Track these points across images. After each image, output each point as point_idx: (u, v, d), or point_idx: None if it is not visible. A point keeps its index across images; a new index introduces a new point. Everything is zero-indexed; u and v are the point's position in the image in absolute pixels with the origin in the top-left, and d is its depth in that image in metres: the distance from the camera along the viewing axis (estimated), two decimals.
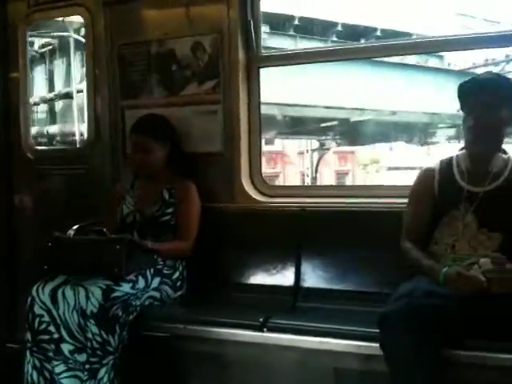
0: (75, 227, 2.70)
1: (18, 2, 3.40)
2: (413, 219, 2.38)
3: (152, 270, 2.58)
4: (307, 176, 11.54)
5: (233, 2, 2.97)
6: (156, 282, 2.59)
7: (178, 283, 2.70)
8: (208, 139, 3.03)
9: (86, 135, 3.38)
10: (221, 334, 2.39)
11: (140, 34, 3.15)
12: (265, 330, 2.33)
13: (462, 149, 2.39)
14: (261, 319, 2.36)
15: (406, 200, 2.45)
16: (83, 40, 3.40)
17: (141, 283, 2.51)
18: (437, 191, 2.36)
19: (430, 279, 2.14)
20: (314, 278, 2.73)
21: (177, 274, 2.70)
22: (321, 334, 2.26)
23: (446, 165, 2.40)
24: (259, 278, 2.80)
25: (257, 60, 3.04)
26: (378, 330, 2.02)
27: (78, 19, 3.49)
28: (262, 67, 3.08)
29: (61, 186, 3.35)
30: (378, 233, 2.59)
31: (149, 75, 3.15)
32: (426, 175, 2.42)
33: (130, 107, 3.18)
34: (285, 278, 2.75)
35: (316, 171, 11.89)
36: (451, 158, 2.41)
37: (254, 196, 3.00)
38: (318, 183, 12.53)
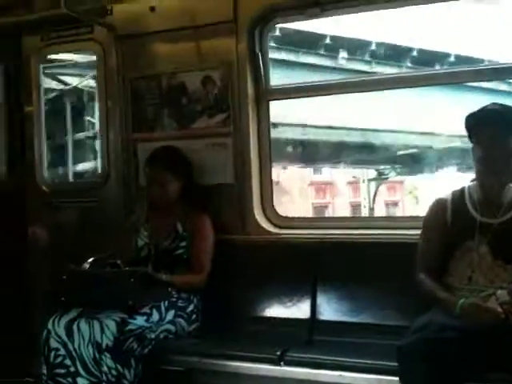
0: (90, 260, 2.71)
1: (31, 36, 3.46)
2: (426, 250, 2.38)
3: (166, 303, 2.58)
4: (364, 207, 10.13)
5: (241, 36, 3.02)
6: (171, 314, 2.59)
7: (193, 316, 2.70)
8: (219, 171, 3.06)
9: (99, 168, 3.39)
10: (237, 368, 2.38)
11: (151, 68, 3.21)
12: (282, 363, 2.33)
13: (473, 180, 2.40)
14: (278, 353, 2.35)
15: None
16: None
17: (155, 316, 2.50)
18: (450, 222, 2.36)
19: (446, 312, 2.13)
20: (330, 310, 2.73)
21: (191, 307, 2.70)
22: (338, 368, 2.25)
23: (459, 196, 2.40)
24: (274, 311, 2.79)
25: (266, 92, 3.08)
26: (395, 363, 2.01)
27: None
28: (272, 100, 3.13)
29: (74, 219, 3.37)
30: (394, 264, 2.59)
31: (160, 108, 3.19)
32: (439, 206, 2.42)
33: (142, 140, 3.22)
34: (300, 310, 2.75)
35: (373, 201, 10.74)
36: (463, 188, 2.42)
37: (267, 227, 3.01)
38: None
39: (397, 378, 2.02)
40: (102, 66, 3.35)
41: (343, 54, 8.64)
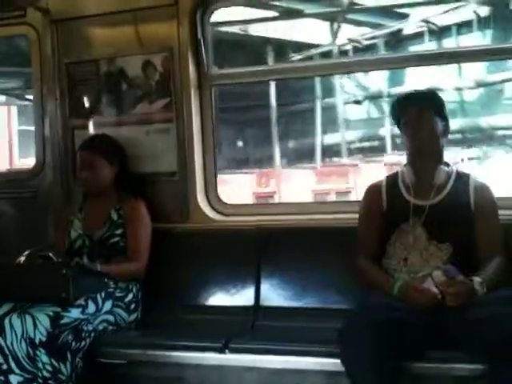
0: (25, 253, 2.60)
1: None
2: (365, 235, 2.41)
3: (103, 294, 2.51)
4: None
5: (183, 21, 2.96)
6: (108, 305, 2.52)
7: (132, 306, 2.63)
8: (161, 158, 3.00)
9: (35, 157, 3.26)
10: (181, 358, 2.33)
11: (89, 53, 3.11)
12: (227, 351, 2.30)
13: (406, 164, 2.44)
14: (222, 341, 2.31)
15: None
16: None
17: (91, 307, 2.43)
18: (385, 206, 2.41)
19: (385, 294, 2.16)
20: (273, 296, 2.71)
21: (130, 297, 2.63)
22: (283, 353, 2.24)
23: (392, 180, 2.45)
24: (218, 299, 2.76)
25: (208, 78, 3.04)
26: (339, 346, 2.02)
27: None
28: (214, 85, 3.08)
29: (9, 210, 3.23)
30: (337, 249, 2.60)
31: (99, 94, 3.10)
32: (373, 191, 2.47)
33: (79, 127, 3.12)
34: (244, 298, 2.72)
35: None
36: (396, 173, 2.47)
37: (210, 215, 2.97)
38: None
39: (339, 361, 2.02)
40: (36, 50, 3.20)
41: None
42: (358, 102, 12.35)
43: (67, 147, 3.14)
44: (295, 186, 9.89)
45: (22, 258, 2.65)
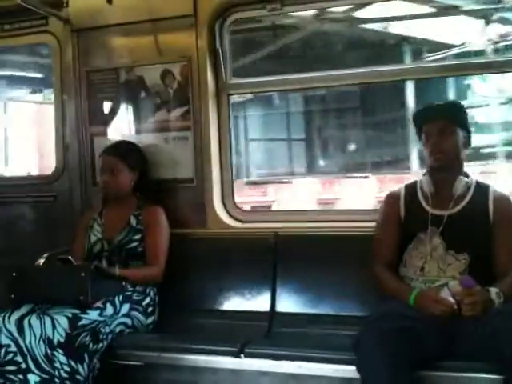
0: (44, 256, 2.64)
1: None
2: (382, 243, 2.41)
3: (121, 297, 2.54)
4: None
5: (201, 31, 3.01)
6: (126, 308, 2.54)
7: (150, 309, 2.65)
8: (179, 165, 3.04)
9: (54, 162, 3.31)
10: (197, 362, 2.34)
11: (108, 62, 3.16)
12: (242, 356, 2.30)
13: (425, 173, 2.45)
14: (238, 345, 2.32)
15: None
16: None
17: (109, 310, 2.46)
18: (403, 215, 2.41)
19: (402, 302, 2.17)
20: (289, 302, 2.73)
21: (147, 300, 2.65)
22: (298, 359, 2.24)
23: (411, 189, 2.46)
24: (234, 304, 2.77)
25: (226, 87, 3.08)
26: (355, 353, 2.02)
27: None
28: (232, 94, 3.12)
29: (29, 214, 3.28)
30: (352, 256, 2.61)
31: (118, 102, 3.15)
32: (392, 200, 2.47)
33: (98, 134, 3.17)
34: (260, 303, 2.74)
35: None
36: (415, 182, 2.48)
37: (227, 221, 3.01)
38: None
39: (354, 368, 2.02)
40: (57, 59, 3.28)
41: None
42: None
43: (86, 153, 3.19)
44: (360, 193, 9.75)
45: (41, 261, 2.71)
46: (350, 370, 2.06)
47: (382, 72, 2.97)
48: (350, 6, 4.61)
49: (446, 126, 2.32)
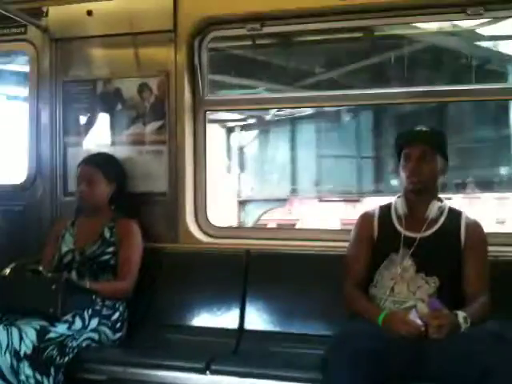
0: (11, 266, 2.60)
1: None
2: (353, 262, 2.43)
3: (90, 311, 2.51)
4: None
5: (180, 46, 3.03)
6: (94, 322, 2.52)
7: (118, 324, 2.63)
8: (153, 179, 3.04)
9: (26, 171, 3.28)
10: (163, 378, 2.32)
11: (86, 73, 3.16)
12: (208, 373, 2.29)
13: (399, 196, 2.49)
14: (204, 362, 2.31)
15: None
16: None
17: (78, 324, 2.43)
18: (376, 235, 2.44)
19: (371, 322, 2.18)
20: (258, 320, 2.73)
21: (116, 315, 2.63)
22: (264, 377, 2.24)
23: (385, 210, 2.49)
24: (203, 321, 2.76)
25: (203, 103, 3.10)
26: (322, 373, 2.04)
27: None
28: (209, 110, 3.15)
29: None
30: (322, 275, 2.64)
31: (93, 113, 3.15)
32: (366, 219, 2.50)
33: (72, 145, 3.16)
34: (229, 320, 2.73)
35: None
36: (390, 203, 2.51)
37: (199, 236, 3.01)
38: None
39: None
40: (34, 67, 3.26)
41: None
42: None
43: (59, 163, 3.17)
44: None
45: (7, 270, 2.65)
46: None
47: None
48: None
49: (426, 151, 2.35)
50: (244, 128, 10.65)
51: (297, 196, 9.78)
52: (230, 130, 11.11)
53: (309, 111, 9.27)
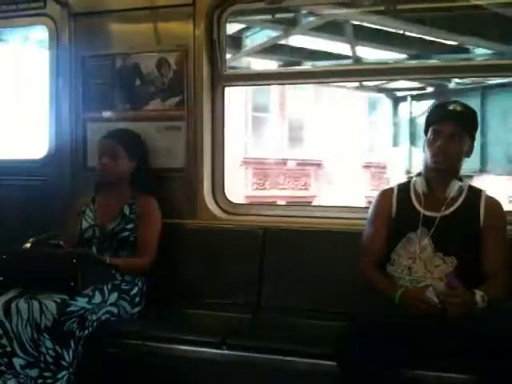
0: (32, 240, 2.64)
1: None
2: (371, 240, 2.43)
3: (110, 285, 2.55)
4: None
5: (199, 21, 3.00)
6: (114, 297, 2.55)
7: (137, 299, 2.67)
8: (171, 155, 3.04)
9: (46, 146, 3.31)
10: (179, 352, 2.37)
11: (105, 48, 3.14)
12: (224, 347, 2.33)
13: (419, 174, 2.46)
14: (220, 337, 2.35)
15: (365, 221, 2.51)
16: None
17: (97, 298, 2.47)
18: (394, 214, 2.42)
19: (388, 300, 2.19)
20: (274, 296, 2.75)
21: (135, 290, 2.67)
22: (280, 352, 2.27)
23: (404, 188, 2.46)
24: (219, 296, 2.78)
25: (222, 78, 3.08)
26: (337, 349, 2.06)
27: None
28: (227, 86, 3.12)
29: (18, 197, 3.27)
30: (339, 251, 2.64)
31: (112, 89, 3.14)
32: (384, 197, 2.48)
33: (92, 120, 3.16)
34: (245, 295, 2.76)
35: None
36: (409, 181, 2.49)
37: (216, 213, 3.02)
38: None
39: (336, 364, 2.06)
40: (54, 42, 3.26)
41: None
42: None
43: (79, 138, 3.18)
44: None
45: (28, 245, 2.71)
46: (331, 366, 2.08)
47: None
48: None
49: (457, 130, 2.30)
50: (416, 98, 10.17)
51: (486, 172, 9.07)
52: (398, 100, 10.60)
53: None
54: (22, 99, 5.25)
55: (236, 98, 11.79)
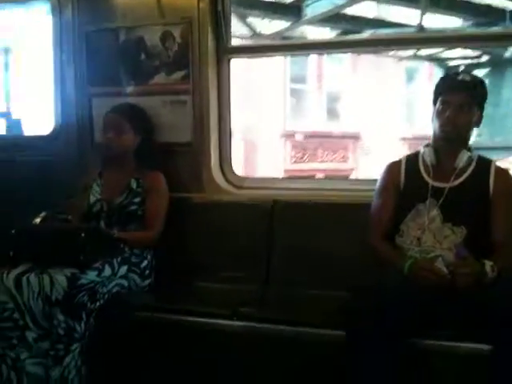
0: (41, 215, 2.65)
1: None
2: (380, 212, 2.42)
3: (119, 259, 2.56)
4: None
5: None
6: (123, 270, 2.57)
7: (146, 272, 2.68)
8: (177, 129, 3.02)
9: (52, 122, 3.29)
10: (190, 323, 2.38)
11: (108, 22, 3.11)
12: (235, 318, 2.34)
13: (427, 145, 2.44)
14: (231, 308, 2.37)
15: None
16: None
17: (107, 271, 2.48)
18: (402, 185, 2.41)
19: (397, 271, 2.18)
20: (284, 269, 2.75)
21: (145, 263, 2.68)
22: (290, 323, 2.28)
23: (412, 160, 2.45)
24: (229, 268, 2.78)
25: (227, 50, 3.05)
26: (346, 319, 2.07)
27: None
28: (233, 58, 3.09)
29: (26, 174, 3.27)
30: (348, 224, 2.63)
31: (117, 63, 3.11)
32: (392, 169, 2.47)
33: (97, 95, 3.14)
34: (255, 268, 2.77)
35: None
36: (417, 152, 2.47)
37: (224, 187, 3.02)
38: None
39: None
40: (57, 17, 3.22)
41: None
42: None
43: (84, 114, 3.17)
44: None
45: (38, 220, 2.71)
46: (341, 335, 2.08)
47: None
48: None
49: (466, 101, 2.29)
50: (469, 66, 9.79)
51: None
52: (450, 70, 10.31)
53: None
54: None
55: (274, 69, 11.57)
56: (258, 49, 3.23)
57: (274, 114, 12.19)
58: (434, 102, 2.38)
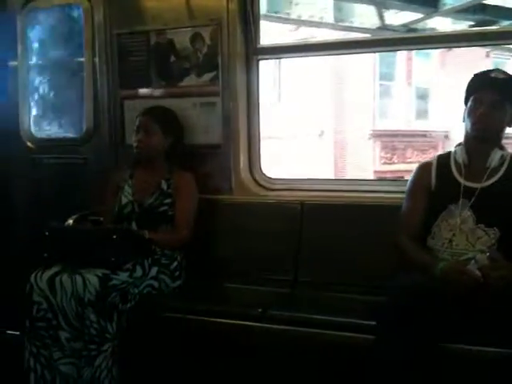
0: (74, 217, 2.70)
1: None
2: (410, 213, 2.39)
3: (150, 260, 2.59)
4: None
5: None
6: (154, 271, 2.60)
7: (177, 273, 2.71)
8: (207, 131, 3.04)
9: (84, 125, 3.35)
10: (219, 325, 2.40)
11: (139, 24, 3.14)
12: (264, 320, 2.35)
13: (459, 144, 2.41)
14: (260, 309, 2.37)
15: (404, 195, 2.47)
16: None
17: (138, 272, 2.52)
18: (434, 186, 2.38)
19: (426, 274, 2.15)
20: (312, 270, 2.75)
21: (175, 264, 2.71)
22: (319, 325, 2.28)
23: (444, 160, 2.41)
24: (258, 270, 2.80)
25: (256, 52, 3.04)
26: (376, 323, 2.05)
27: None
28: (262, 59, 3.09)
29: (59, 176, 3.33)
30: (377, 226, 2.61)
31: (148, 66, 3.14)
32: (424, 170, 2.43)
33: (128, 97, 3.19)
34: (284, 270, 2.77)
35: None
36: (449, 152, 2.43)
37: (253, 188, 3.02)
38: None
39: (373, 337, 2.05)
40: (88, 20, 3.27)
41: None
42: None
43: (116, 116, 3.21)
44: None
45: (71, 221, 2.77)
46: (370, 339, 2.07)
47: None
48: None
49: (498, 98, 2.24)
50: None
51: None
52: None
53: None
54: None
55: (363, 67, 11.40)
56: (288, 49, 3.22)
57: (363, 114, 11.82)
58: (466, 101, 2.34)
